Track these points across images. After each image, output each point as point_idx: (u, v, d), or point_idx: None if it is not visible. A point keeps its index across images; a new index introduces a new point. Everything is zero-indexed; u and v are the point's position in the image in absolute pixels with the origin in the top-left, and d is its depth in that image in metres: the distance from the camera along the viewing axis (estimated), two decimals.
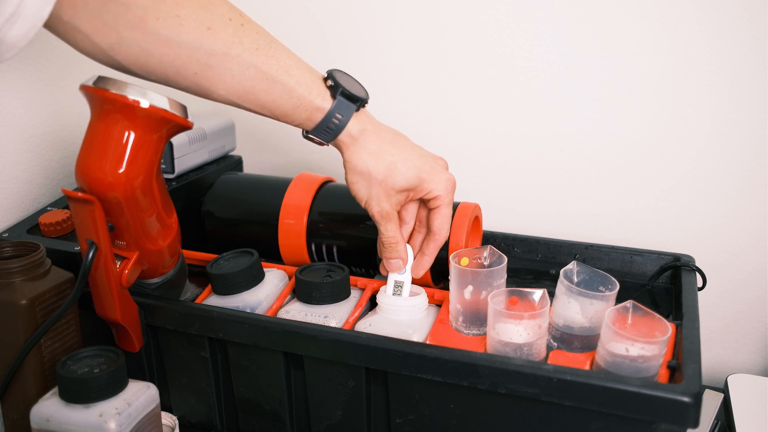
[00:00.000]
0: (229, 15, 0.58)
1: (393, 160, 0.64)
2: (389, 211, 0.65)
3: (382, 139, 0.64)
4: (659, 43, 0.85)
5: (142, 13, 0.54)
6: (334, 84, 0.62)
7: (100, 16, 0.53)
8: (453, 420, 0.61)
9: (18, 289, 0.60)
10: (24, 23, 0.51)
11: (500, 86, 0.93)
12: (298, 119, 0.63)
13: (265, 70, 0.59)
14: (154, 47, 0.55)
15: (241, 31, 0.58)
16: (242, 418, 0.70)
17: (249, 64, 0.58)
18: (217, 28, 0.57)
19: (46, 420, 0.55)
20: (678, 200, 0.89)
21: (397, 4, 0.94)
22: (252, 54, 0.58)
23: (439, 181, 0.65)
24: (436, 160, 0.67)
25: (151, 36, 0.55)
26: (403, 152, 0.64)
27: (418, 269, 0.69)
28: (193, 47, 0.56)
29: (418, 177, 0.64)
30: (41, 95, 0.83)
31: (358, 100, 0.63)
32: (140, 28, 0.54)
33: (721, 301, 0.90)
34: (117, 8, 0.53)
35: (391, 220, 0.66)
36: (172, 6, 0.55)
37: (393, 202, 0.65)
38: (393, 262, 0.68)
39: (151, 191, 0.61)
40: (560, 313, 0.63)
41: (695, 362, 0.55)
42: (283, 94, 0.60)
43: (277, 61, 0.60)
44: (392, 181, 0.64)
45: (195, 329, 0.66)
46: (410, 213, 0.69)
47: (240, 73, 0.58)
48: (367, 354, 0.60)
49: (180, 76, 0.58)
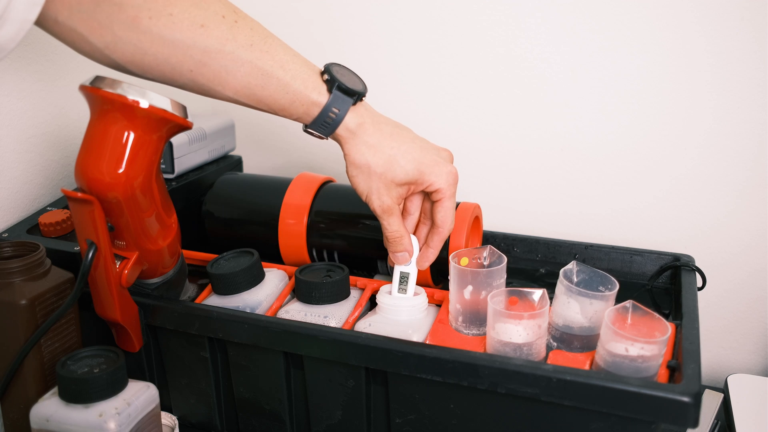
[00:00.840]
0: (222, 12, 0.58)
1: (392, 153, 0.63)
2: (390, 205, 0.65)
3: (382, 132, 0.64)
4: (659, 43, 0.85)
5: (135, 13, 0.54)
6: (330, 78, 0.62)
7: (94, 16, 0.54)
8: (453, 420, 0.61)
9: (18, 289, 0.60)
10: (11, 26, 0.51)
11: (500, 86, 0.93)
12: (295, 114, 0.63)
13: (260, 66, 0.59)
14: (148, 46, 0.56)
15: (235, 28, 0.58)
16: (242, 418, 0.70)
17: (243, 61, 0.59)
18: (211, 26, 0.57)
19: (45, 420, 0.55)
20: (678, 200, 0.89)
21: (397, 4, 0.94)
22: (246, 50, 0.59)
23: (440, 173, 0.65)
24: (439, 153, 0.67)
25: (145, 35, 0.55)
26: (403, 145, 0.64)
27: (423, 261, 0.69)
28: (186, 45, 0.56)
29: (418, 170, 0.64)
30: (41, 95, 0.83)
31: (355, 94, 0.63)
32: (134, 27, 0.55)
33: (721, 301, 0.90)
34: (110, 8, 0.54)
35: (393, 214, 0.66)
36: (164, 4, 0.55)
37: (393, 196, 0.65)
38: (399, 255, 0.68)
39: (150, 191, 0.61)
40: (560, 313, 0.63)
41: (695, 362, 0.55)
42: (279, 89, 0.61)
43: (272, 56, 0.60)
44: (392, 174, 0.64)
45: (195, 329, 0.66)
46: (415, 204, 0.69)
47: (235, 69, 0.59)
48: (367, 354, 0.60)
49: (176, 73, 0.58)
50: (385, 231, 0.67)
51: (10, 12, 0.50)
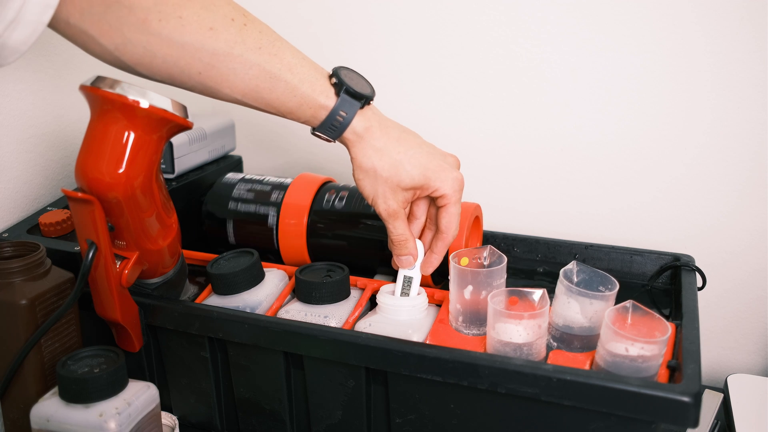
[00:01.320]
0: (231, 15, 0.58)
1: (399, 158, 0.64)
2: (396, 209, 0.65)
3: (389, 137, 0.64)
4: (659, 43, 0.85)
5: (145, 15, 0.55)
6: (338, 81, 0.62)
7: (104, 18, 0.54)
8: (453, 420, 0.61)
9: (18, 289, 0.60)
10: (25, 28, 0.52)
11: (500, 86, 0.93)
12: (303, 117, 0.63)
13: (269, 69, 0.60)
14: (158, 48, 0.56)
15: (244, 31, 0.59)
16: (242, 418, 0.70)
17: (252, 64, 0.59)
18: (220, 28, 0.57)
19: (46, 420, 0.55)
20: (678, 200, 0.89)
21: (397, 4, 0.94)
22: (255, 53, 0.59)
23: (446, 179, 0.65)
24: (445, 158, 0.67)
25: (154, 37, 0.55)
26: (410, 150, 0.64)
27: (427, 266, 0.69)
28: (195, 47, 0.57)
29: (424, 175, 0.64)
30: (41, 95, 0.83)
31: (363, 98, 0.63)
32: (143, 29, 0.55)
33: (721, 301, 0.90)
34: (120, 11, 0.54)
35: (399, 218, 0.66)
36: (174, 7, 0.55)
37: (399, 200, 0.65)
38: (403, 259, 0.68)
39: (151, 191, 0.61)
40: (560, 312, 0.63)
41: (695, 362, 0.55)
42: (287, 92, 0.61)
43: (281, 59, 0.60)
44: (398, 179, 0.64)
45: (195, 329, 0.66)
46: (421, 209, 0.69)
47: (243, 72, 0.59)
48: (367, 354, 0.60)
49: (185, 75, 0.58)
50: (390, 234, 0.67)
51: (24, 15, 0.51)
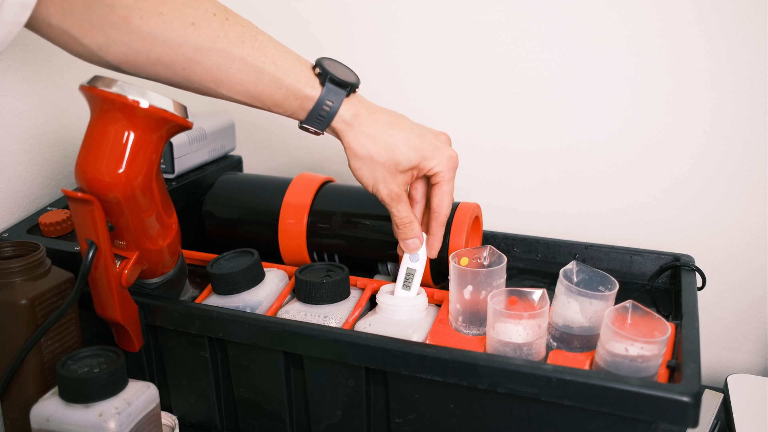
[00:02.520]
0: (213, 10, 0.59)
1: (392, 141, 0.64)
2: (398, 192, 0.65)
3: (379, 122, 0.64)
4: (659, 43, 0.85)
5: (126, 13, 0.55)
6: (322, 71, 0.62)
7: (86, 18, 0.55)
8: (453, 420, 0.61)
9: (18, 289, 0.60)
10: (2, 29, 0.52)
11: (500, 86, 0.92)
12: (290, 109, 0.63)
13: (252, 62, 0.60)
14: (140, 45, 0.56)
15: (226, 25, 0.59)
16: (242, 418, 0.70)
17: (235, 57, 0.59)
18: (201, 24, 0.58)
19: (46, 420, 0.55)
20: (678, 200, 0.89)
21: (397, 3, 0.94)
22: (238, 47, 0.59)
23: (441, 157, 0.65)
24: (437, 137, 0.67)
25: (136, 34, 0.56)
26: (401, 132, 0.64)
27: (430, 250, 0.69)
28: (178, 43, 0.57)
29: (420, 155, 0.64)
30: (41, 95, 0.83)
31: (348, 86, 0.63)
32: (125, 27, 0.55)
33: (721, 301, 0.90)
34: (102, 10, 0.55)
35: (402, 201, 0.66)
36: (154, 4, 0.56)
37: (400, 183, 0.65)
38: (409, 242, 0.68)
39: (150, 191, 0.61)
40: (560, 312, 0.63)
41: (695, 362, 0.55)
42: (272, 85, 0.61)
43: (264, 52, 0.60)
44: (395, 162, 0.64)
45: (195, 329, 0.66)
46: (420, 192, 0.69)
47: (227, 66, 0.59)
48: (367, 354, 0.60)
49: (169, 72, 0.59)
50: (394, 218, 0.67)
51: (1, 15, 0.51)
